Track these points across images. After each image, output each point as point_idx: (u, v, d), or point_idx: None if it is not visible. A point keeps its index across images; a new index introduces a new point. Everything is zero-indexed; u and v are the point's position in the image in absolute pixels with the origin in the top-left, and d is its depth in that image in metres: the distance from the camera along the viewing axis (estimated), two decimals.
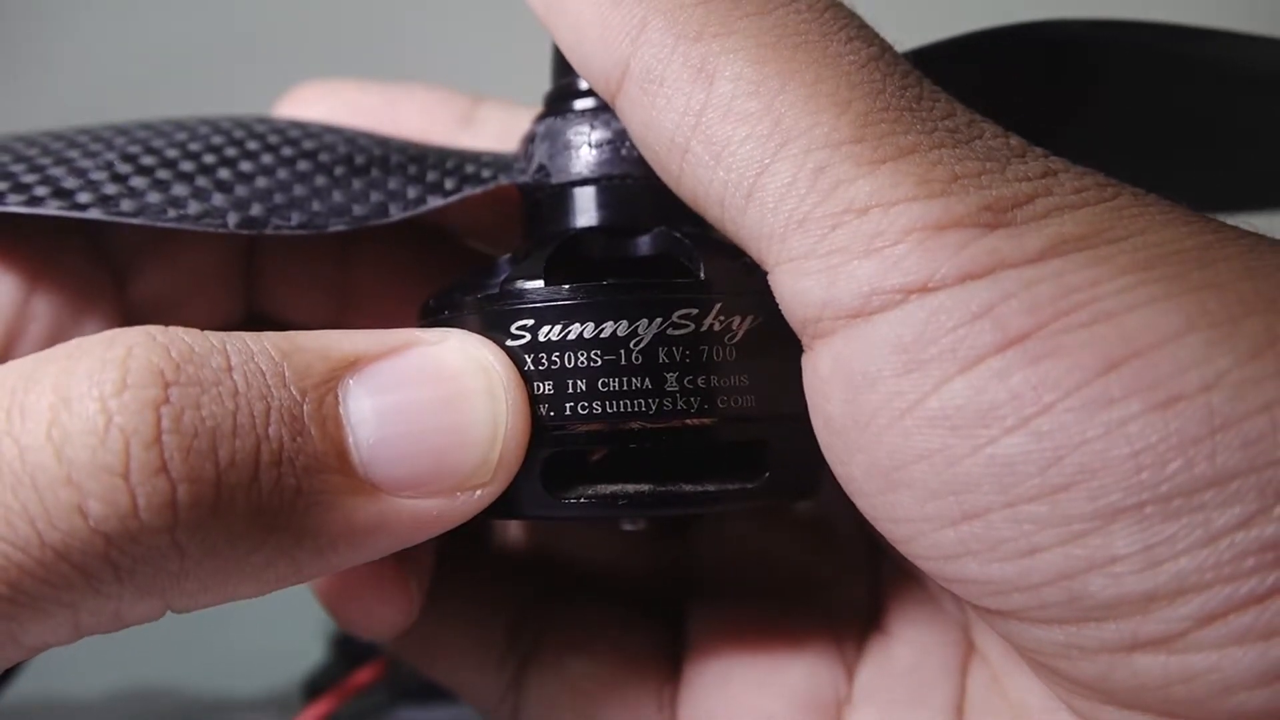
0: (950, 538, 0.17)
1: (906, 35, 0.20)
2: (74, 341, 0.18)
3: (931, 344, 0.17)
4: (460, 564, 0.26)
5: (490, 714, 0.26)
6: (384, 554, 0.20)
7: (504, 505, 0.20)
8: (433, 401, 0.19)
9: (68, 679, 0.42)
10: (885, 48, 0.19)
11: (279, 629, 0.44)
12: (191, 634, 0.46)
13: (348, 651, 0.38)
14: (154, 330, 0.18)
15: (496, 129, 0.27)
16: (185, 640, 0.46)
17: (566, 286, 0.20)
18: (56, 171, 0.22)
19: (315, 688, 0.38)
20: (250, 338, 0.19)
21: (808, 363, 0.19)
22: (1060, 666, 0.18)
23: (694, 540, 0.27)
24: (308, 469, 0.18)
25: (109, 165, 0.22)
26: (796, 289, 0.18)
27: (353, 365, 0.19)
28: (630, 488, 0.21)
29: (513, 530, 0.27)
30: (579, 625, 0.26)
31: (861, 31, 0.19)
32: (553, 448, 0.20)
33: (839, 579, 0.25)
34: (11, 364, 0.18)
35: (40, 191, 0.22)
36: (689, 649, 0.25)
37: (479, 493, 0.20)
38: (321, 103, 0.27)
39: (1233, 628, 0.15)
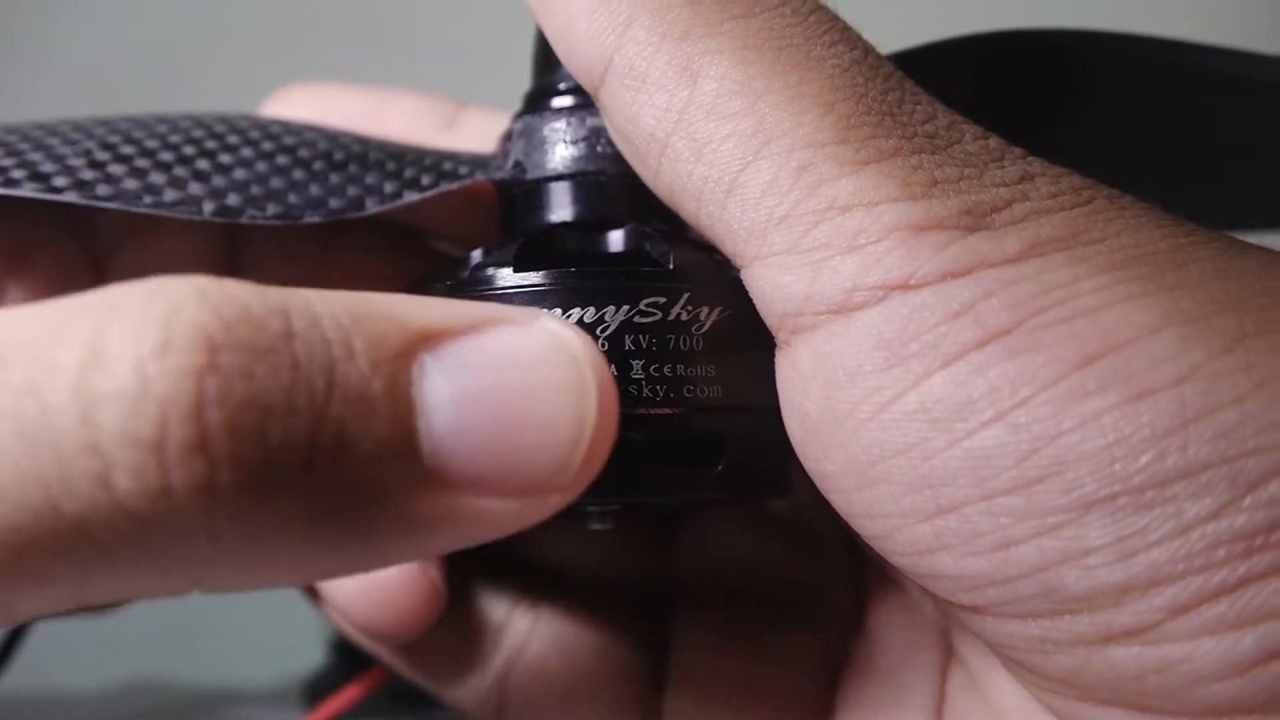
0: (926, 532, 0.17)
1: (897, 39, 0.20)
2: (112, 290, 0.16)
3: (913, 340, 0.17)
4: (444, 565, 0.26)
5: (472, 718, 0.26)
6: (436, 554, 0.18)
7: None
8: (518, 390, 0.17)
9: (66, 672, 0.42)
10: (868, 51, 0.19)
11: (280, 622, 0.44)
12: (192, 628, 0.46)
13: (348, 655, 0.38)
14: (206, 284, 0.16)
15: (479, 134, 0.27)
16: (185, 634, 0.46)
17: (535, 273, 0.20)
18: (35, 156, 0.22)
19: (316, 691, 0.37)
20: (319, 297, 0.16)
21: (784, 358, 0.19)
22: (1035, 662, 0.18)
23: (679, 545, 0.27)
24: (369, 458, 0.16)
25: (87, 153, 0.22)
26: (777, 283, 0.18)
27: (431, 339, 0.17)
28: None
29: None
30: (563, 629, 0.25)
31: (845, 35, 0.19)
32: None
33: (822, 583, 0.25)
34: (36, 308, 0.16)
35: (16, 174, 0.22)
36: (673, 654, 0.25)
37: (554, 497, 0.17)
38: (307, 104, 0.27)
39: (1205, 618, 0.15)
